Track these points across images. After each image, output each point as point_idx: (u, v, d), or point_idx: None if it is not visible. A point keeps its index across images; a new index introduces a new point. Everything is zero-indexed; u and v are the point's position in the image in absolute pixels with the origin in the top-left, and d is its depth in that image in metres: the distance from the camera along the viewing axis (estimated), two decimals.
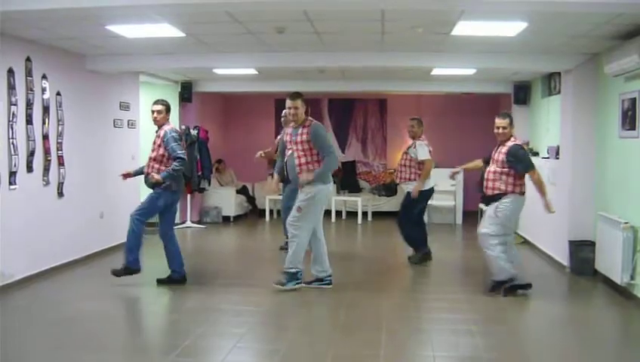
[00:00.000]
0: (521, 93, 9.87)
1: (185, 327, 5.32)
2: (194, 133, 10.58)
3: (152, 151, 6.37)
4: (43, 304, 5.88)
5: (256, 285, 6.58)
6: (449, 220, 11.31)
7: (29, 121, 6.51)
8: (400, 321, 5.51)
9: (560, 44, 6.57)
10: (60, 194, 7.16)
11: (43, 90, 6.78)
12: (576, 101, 7.33)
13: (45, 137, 6.82)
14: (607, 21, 5.41)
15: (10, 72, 6.21)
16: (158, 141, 6.33)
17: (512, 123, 6.18)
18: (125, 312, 6.01)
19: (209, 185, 11.09)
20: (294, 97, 6.19)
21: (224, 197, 11.54)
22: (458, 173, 7.09)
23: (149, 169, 6.37)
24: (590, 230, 7.12)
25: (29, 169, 6.53)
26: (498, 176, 6.05)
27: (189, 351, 4.63)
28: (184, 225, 10.68)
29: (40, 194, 6.78)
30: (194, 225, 10.81)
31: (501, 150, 6.10)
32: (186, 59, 7.74)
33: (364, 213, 11.64)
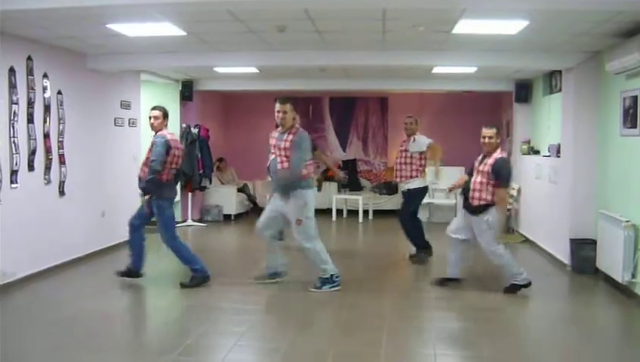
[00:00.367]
0: (523, 91, 9.86)
1: (186, 326, 5.33)
2: (195, 131, 10.59)
3: (146, 157, 6.37)
4: (44, 303, 5.88)
5: (257, 284, 6.57)
6: (450, 219, 11.23)
7: (30, 120, 6.51)
8: (401, 320, 5.51)
9: (561, 42, 6.56)
10: (62, 193, 7.17)
11: (44, 89, 6.78)
12: (578, 99, 7.32)
13: (46, 136, 6.83)
14: (608, 19, 5.41)
15: (12, 70, 6.21)
16: (150, 146, 6.31)
17: (499, 133, 6.25)
18: (126, 311, 6.01)
19: (210, 183, 11.10)
20: (284, 101, 6.11)
21: (225, 196, 11.55)
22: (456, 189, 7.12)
23: (141, 173, 6.35)
24: (591, 228, 7.12)
25: (30, 168, 6.54)
26: (485, 187, 6.09)
27: (190, 349, 4.63)
28: (185, 223, 10.69)
29: (41, 193, 6.79)
30: (195, 223, 10.82)
31: (487, 161, 6.14)
32: (187, 57, 7.74)
33: (365, 212, 11.64)
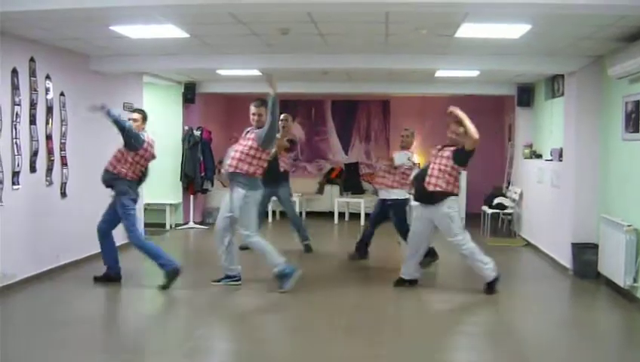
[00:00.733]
0: (525, 95, 9.87)
1: (187, 328, 5.33)
2: (197, 133, 10.60)
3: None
4: (44, 305, 5.88)
5: (258, 286, 6.58)
6: None
7: (32, 122, 6.52)
8: (403, 322, 5.51)
9: (564, 46, 6.56)
10: (63, 194, 7.17)
11: (47, 91, 6.79)
12: (580, 103, 7.32)
13: (49, 137, 6.83)
14: (611, 23, 5.41)
15: (14, 72, 6.22)
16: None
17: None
18: (127, 313, 6.01)
19: (212, 186, 11.10)
20: (258, 105, 6.37)
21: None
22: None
23: (108, 164, 6.50)
24: (593, 232, 7.11)
25: (32, 169, 6.54)
26: (441, 175, 6.19)
27: (191, 352, 4.63)
28: (187, 225, 10.70)
29: (43, 194, 6.79)
30: (197, 225, 10.82)
31: (448, 149, 6.28)
32: (190, 60, 7.75)
33: (367, 215, 11.60)
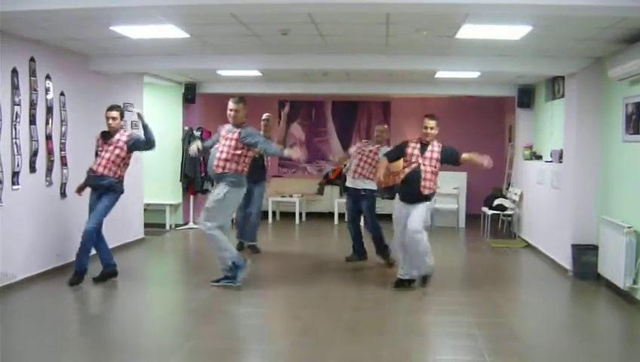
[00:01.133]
0: (525, 96, 9.86)
1: (187, 329, 5.33)
2: (197, 134, 10.58)
3: (106, 153, 6.48)
4: (44, 304, 5.88)
5: (259, 287, 6.58)
6: (452, 223, 11.28)
7: (32, 122, 6.51)
8: (402, 324, 5.51)
9: (564, 47, 6.56)
10: (63, 194, 7.17)
11: (47, 91, 6.79)
12: (580, 105, 7.32)
13: (48, 137, 6.83)
14: (612, 25, 5.40)
15: (14, 72, 6.21)
16: (120, 144, 6.49)
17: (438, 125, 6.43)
18: (127, 313, 6.00)
19: (212, 186, 11.03)
20: (237, 101, 6.39)
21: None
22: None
23: (105, 170, 6.46)
24: (593, 234, 7.11)
25: (32, 169, 6.54)
26: (433, 177, 6.34)
27: (191, 352, 4.63)
28: (187, 226, 10.69)
29: (43, 194, 6.79)
30: (197, 226, 10.79)
31: (431, 149, 6.34)
32: (190, 60, 7.75)
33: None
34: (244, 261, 6.43)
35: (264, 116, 8.54)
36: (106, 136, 6.56)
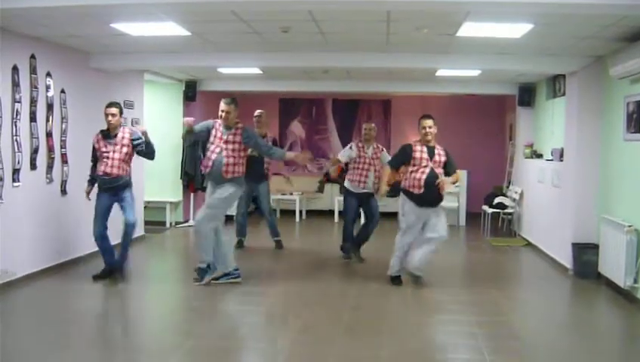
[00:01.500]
0: (526, 94, 9.85)
1: (187, 327, 5.33)
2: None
3: (114, 153, 6.46)
4: (44, 302, 5.88)
5: (259, 285, 6.58)
6: (452, 222, 11.26)
7: (32, 119, 6.51)
8: (402, 322, 5.50)
9: (565, 46, 6.55)
10: (63, 191, 7.17)
11: (47, 88, 6.78)
12: (581, 103, 7.31)
13: (49, 135, 6.83)
14: (613, 23, 5.39)
15: (15, 69, 6.21)
16: (125, 141, 6.50)
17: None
18: (128, 311, 6.01)
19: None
20: (229, 102, 6.42)
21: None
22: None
23: (120, 171, 6.48)
24: (594, 233, 7.10)
25: (32, 166, 6.54)
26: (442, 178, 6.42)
27: (192, 350, 4.63)
28: (187, 223, 10.69)
29: (43, 191, 6.79)
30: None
31: (438, 153, 6.41)
32: (191, 58, 7.75)
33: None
34: (215, 269, 6.52)
35: (256, 113, 8.65)
36: (107, 136, 6.54)
